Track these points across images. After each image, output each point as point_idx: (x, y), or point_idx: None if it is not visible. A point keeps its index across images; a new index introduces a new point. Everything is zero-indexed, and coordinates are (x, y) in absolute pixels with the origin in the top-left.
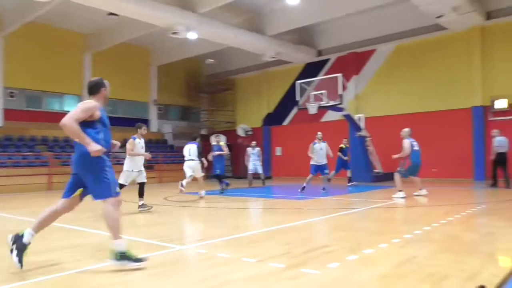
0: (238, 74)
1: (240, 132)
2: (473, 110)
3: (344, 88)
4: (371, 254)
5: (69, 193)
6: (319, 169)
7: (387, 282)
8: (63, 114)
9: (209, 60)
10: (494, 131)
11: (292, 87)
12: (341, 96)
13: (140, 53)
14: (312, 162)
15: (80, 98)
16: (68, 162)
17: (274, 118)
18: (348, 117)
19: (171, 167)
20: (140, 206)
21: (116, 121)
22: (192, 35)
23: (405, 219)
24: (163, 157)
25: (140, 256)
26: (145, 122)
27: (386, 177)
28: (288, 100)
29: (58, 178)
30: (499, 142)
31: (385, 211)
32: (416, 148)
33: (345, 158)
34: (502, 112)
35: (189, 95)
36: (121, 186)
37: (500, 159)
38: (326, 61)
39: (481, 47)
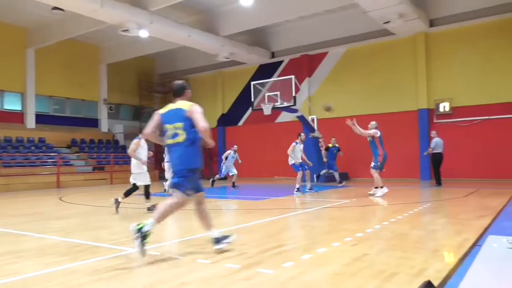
0: (192, 73)
1: None
2: (419, 112)
3: (297, 89)
4: (325, 252)
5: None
6: (301, 166)
7: (340, 280)
8: (3, 112)
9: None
10: (433, 133)
11: (247, 88)
12: (294, 97)
13: (89, 51)
14: (292, 162)
15: (22, 96)
16: (10, 164)
17: (229, 118)
18: (301, 118)
19: (122, 168)
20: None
21: (64, 121)
22: (143, 33)
23: (357, 218)
24: (114, 158)
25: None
26: (95, 122)
27: (339, 177)
28: (243, 101)
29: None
30: (436, 143)
31: (337, 210)
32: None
33: (325, 159)
34: (445, 115)
35: (141, 94)
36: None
37: (437, 159)
38: (279, 62)
39: (426, 53)
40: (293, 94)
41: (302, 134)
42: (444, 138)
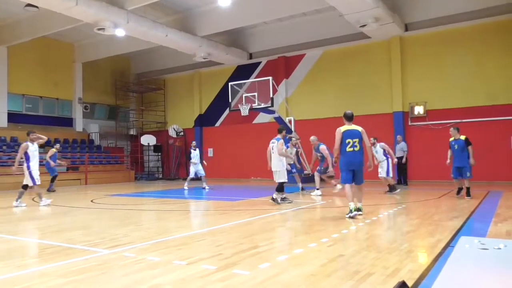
0: (169, 73)
1: (172, 132)
2: (394, 115)
3: (275, 91)
4: (301, 253)
5: (350, 179)
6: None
7: (315, 281)
8: None
9: None
10: (399, 137)
11: (224, 88)
12: (272, 98)
13: (63, 49)
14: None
15: None
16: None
17: (206, 119)
18: (279, 120)
19: (97, 168)
20: (275, 200)
21: (38, 120)
22: (119, 32)
23: (333, 219)
24: (90, 158)
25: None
26: (70, 121)
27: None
28: (220, 102)
29: None
30: (401, 147)
31: (314, 211)
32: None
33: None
34: (420, 118)
35: (117, 94)
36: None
37: (401, 162)
38: (257, 64)
39: (401, 56)
40: (271, 95)
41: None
42: (418, 141)
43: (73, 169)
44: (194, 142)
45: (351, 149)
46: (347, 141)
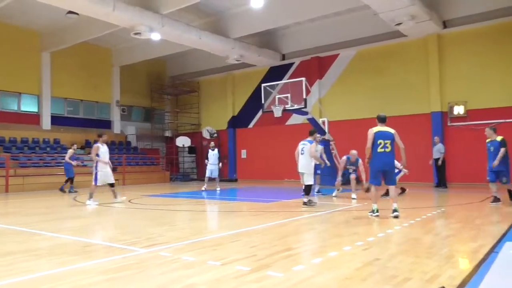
0: (203, 76)
1: (205, 134)
2: (432, 115)
3: (308, 92)
4: (335, 256)
5: (379, 181)
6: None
7: (350, 284)
8: (20, 114)
9: None
10: (436, 138)
11: (257, 90)
12: (305, 99)
13: (102, 53)
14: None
15: (38, 98)
16: (26, 164)
17: (239, 120)
18: (312, 121)
19: (134, 169)
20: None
21: (78, 122)
22: (155, 36)
23: (368, 222)
24: (127, 159)
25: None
26: (108, 123)
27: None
28: (253, 103)
29: (15, 180)
30: (438, 148)
31: (348, 214)
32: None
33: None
34: (460, 118)
35: (153, 96)
36: None
37: (438, 164)
38: (290, 65)
39: (438, 55)
40: (304, 96)
41: (318, 135)
42: (458, 142)
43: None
44: (212, 143)
45: (382, 150)
46: (378, 141)
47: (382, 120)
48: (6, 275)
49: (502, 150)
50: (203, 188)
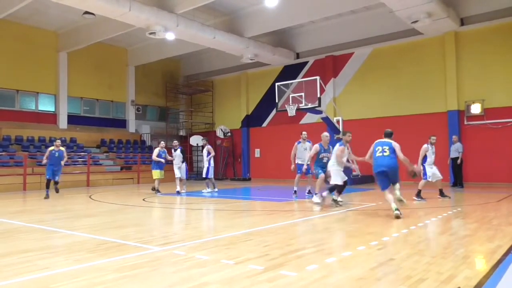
0: (217, 75)
1: (219, 133)
2: (449, 114)
3: (322, 90)
4: (349, 256)
5: (386, 184)
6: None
7: (365, 284)
8: (38, 113)
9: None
10: (454, 137)
11: (271, 89)
12: (319, 98)
13: (117, 53)
14: (298, 162)
15: (55, 97)
16: (43, 163)
17: (253, 119)
18: (326, 120)
19: (149, 168)
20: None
21: (94, 121)
22: (170, 36)
23: (383, 221)
24: (141, 158)
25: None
26: (123, 122)
27: (364, 180)
28: (267, 102)
29: (33, 178)
30: (457, 147)
31: (363, 213)
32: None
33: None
34: (477, 116)
35: (167, 96)
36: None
37: (456, 164)
38: (304, 63)
39: (455, 52)
40: (318, 95)
41: (304, 132)
42: (475, 141)
43: (126, 169)
44: (175, 141)
45: (380, 154)
46: (377, 148)
47: (387, 135)
48: (24, 272)
49: None
50: (182, 191)
